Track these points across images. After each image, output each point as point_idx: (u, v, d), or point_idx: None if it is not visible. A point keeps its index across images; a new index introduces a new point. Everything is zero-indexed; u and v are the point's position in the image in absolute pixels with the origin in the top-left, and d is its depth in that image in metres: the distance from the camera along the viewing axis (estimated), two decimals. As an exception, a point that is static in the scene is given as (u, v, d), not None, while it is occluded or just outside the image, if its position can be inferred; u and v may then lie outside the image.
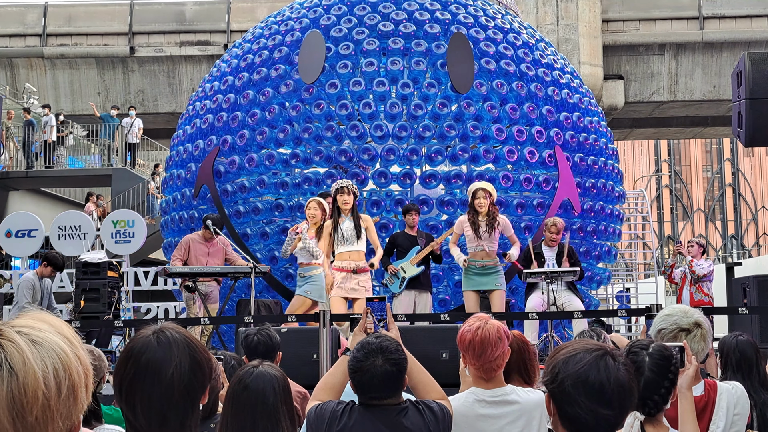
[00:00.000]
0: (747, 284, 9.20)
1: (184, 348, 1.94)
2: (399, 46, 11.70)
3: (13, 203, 23.12)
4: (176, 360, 1.91)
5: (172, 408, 1.89)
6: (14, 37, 28.02)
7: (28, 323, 1.44)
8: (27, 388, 1.36)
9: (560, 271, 8.90)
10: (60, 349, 1.42)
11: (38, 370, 1.37)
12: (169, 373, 1.89)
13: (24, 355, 1.37)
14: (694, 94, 27.53)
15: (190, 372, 1.92)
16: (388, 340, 3.25)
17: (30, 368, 1.37)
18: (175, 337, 1.95)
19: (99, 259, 11.91)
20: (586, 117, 12.43)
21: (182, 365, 1.91)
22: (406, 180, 11.41)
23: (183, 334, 1.98)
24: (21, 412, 1.35)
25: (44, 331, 1.43)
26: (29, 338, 1.40)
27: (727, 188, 63.63)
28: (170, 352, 1.92)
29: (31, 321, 1.45)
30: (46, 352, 1.40)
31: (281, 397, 3.00)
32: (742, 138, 8.59)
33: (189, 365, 1.92)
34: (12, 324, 1.43)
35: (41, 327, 1.44)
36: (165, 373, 1.89)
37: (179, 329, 2.00)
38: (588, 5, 26.46)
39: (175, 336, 1.96)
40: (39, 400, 1.36)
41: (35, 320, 1.45)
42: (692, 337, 3.44)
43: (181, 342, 1.95)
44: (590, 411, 2.12)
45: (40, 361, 1.38)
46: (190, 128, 12.65)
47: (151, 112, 27.56)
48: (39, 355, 1.39)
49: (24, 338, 1.40)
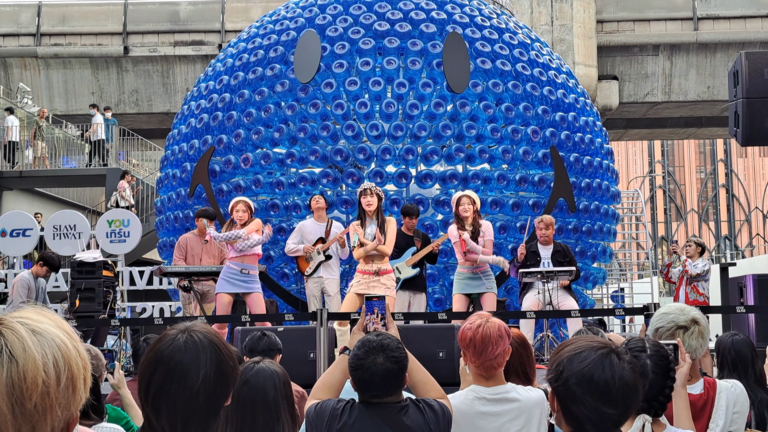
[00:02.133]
0: (743, 283, 9.21)
1: (212, 353, 1.92)
2: (395, 45, 11.70)
3: (7, 203, 23.05)
4: (204, 366, 1.90)
5: (195, 414, 1.88)
6: (8, 37, 27.94)
7: (28, 315, 1.44)
8: (27, 374, 1.36)
9: (556, 270, 8.90)
10: (60, 340, 1.42)
11: (38, 358, 1.37)
12: (196, 380, 1.88)
13: (24, 343, 1.37)
14: (689, 95, 27.59)
15: (215, 379, 1.90)
16: (389, 337, 3.25)
17: (30, 355, 1.37)
18: (203, 341, 1.93)
19: (94, 258, 11.87)
20: (581, 117, 12.44)
21: (209, 372, 1.89)
22: (402, 179, 11.40)
23: (211, 338, 1.96)
24: (20, 398, 1.35)
25: (44, 323, 1.43)
26: (30, 328, 1.41)
27: (721, 189, 63.78)
28: (198, 357, 1.90)
29: (31, 314, 1.45)
30: (46, 342, 1.40)
31: (282, 392, 3.00)
32: (738, 137, 8.59)
33: (215, 372, 1.91)
34: (13, 315, 1.43)
35: (41, 319, 1.44)
36: (192, 378, 1.88)
37: (208, 330, 1.98)
38: (582, 6, 26.49)
39: (203, 339, 1.94)
40: (38, 387, 1.36)
41: (36, 313, 1.46)
42: (690, 334, 3.44)
43: (209, 346, 1.93)
44: (594, 410, 2.11)
45: (41, 349, 1.38)
46: (185, 128, 12.63)
47: (146, 112, 27.51)
48: (39, 344, 1.39)
49: (25, 327, 1.40)
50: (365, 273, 8.23)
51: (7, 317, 1.42)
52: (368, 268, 8.23)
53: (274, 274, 11.37)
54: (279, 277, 11.43)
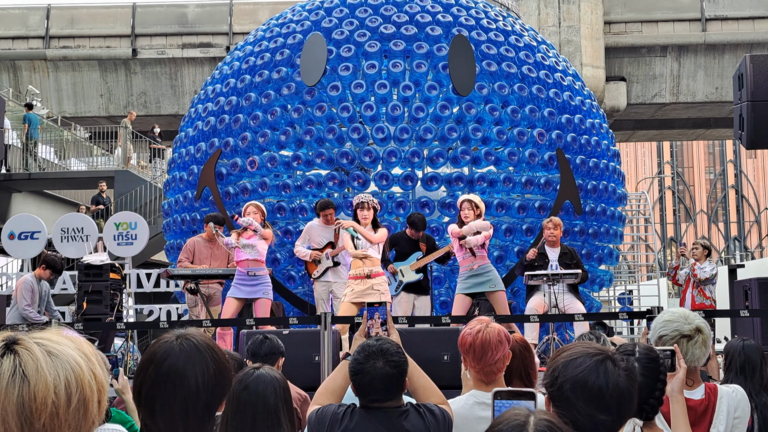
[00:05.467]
0: (749, 287, 9.19)
1: (207, 357, 1.95)
2: (400, 48, 11.71)
3: (16, 205, 23.14)
4: (198, 369, 1.92)
5: (190, 416, 1.90)
6: (17, 40, 28.08)
7: (48, 336, 1.47)
8: (37, 394, 1.39)
9: (562, 273, 8.90)
10: (75, 362, 1.45)
11: (50, 379, 1.40)
12: (190, 382, 1.90)
13: (38, 364, 1.41)
14: (697, 96, 27.52)
15: (210, 382, 1.92)
16: (389, 342, 3.27)
17: (42, 376, 1.40)
18: (199, 344, 1.96)
19: (101, 261, 11.92)
20: (587, 119, 12.43)
21: (204, 375, 1.92)
22: (408, 182, 11.41)
23: (206, 342, 1.98)
24: (29, 418, 1.38)
25: (62, 345, 1.46)
26: (46, 349, 1.44)
27: (730, 190, 63.58)
28: (192, 360, 1.93)
29: (51, 335, 1.48)
30: (60, 363, 1.43)
31: (281, 398, 3.02)
32: (743, 141, 8.57)
33: (210, 375, 1.93)
34: (33, 335, 1.47)
35: (60, 341, 1.47)
36: (186, 381, 1.91)
37: (203, 336, 2.00)
38: (590, 7, 26.46)
39: (198, 343, 1.96)
40: (48, 408, 1.39)
41: (56, 335, 1.49)
42: (693, 343, 3.44)
43: (204, 350, 1.95)
44: (588, 416, 2.12)
45: (54, 370, 1.41)
46: (192, 130, 12.67)
47: (154, 114, 27.58)
48: (53, 365, 1.42)
49: (41, 348, 1.43)
50: (357, 278, 8.26)
51: (25, 338, 1.45)
52: (359, 272, 8.26)
53: (280, 277, 11.39)
54: (285, 279, 11.45)
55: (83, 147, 25.73)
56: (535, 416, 1.77)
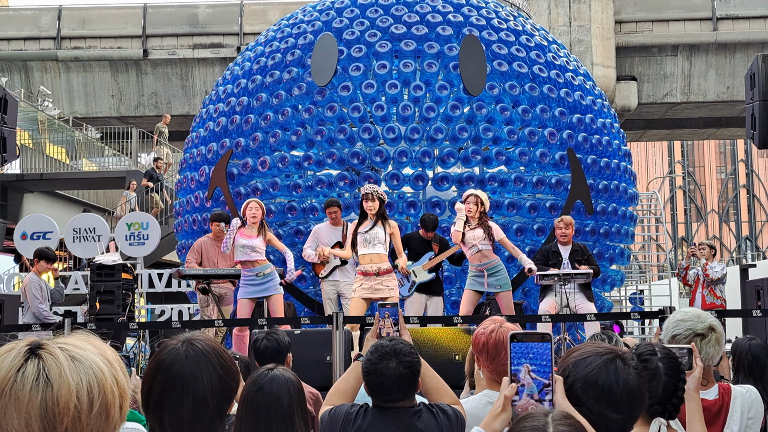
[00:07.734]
0: (761, 286, 9.16)
1: (214, 361, 1.96)
2: (411, 48, 11.72)
3: (28, 205, 23.25)
4: (206, 374, 1.93)
5: (200, 421, 1.91)
6: (29, 40, 28.20)
7: (72, 342, 1.49)
8: (60, 399, 1.41)
9: (573, 273, 8.89)
10: (97, 367, 1.46)
11: (73, 384, 1.42)
12: (199, 387, 1.91)
13: (62, 368, 1.43)
14: (708, 95, 27.43)
15: (218, 386, 1.93)
16: (402, 342, 3.27)
17: (65, 381, 1.42)
18: (205, 349, 1.96)
19: (113, 261, 11.97)
20: (598, 119, 12.41)
21: (212, 379, 1.92)
22: (419, 182, 11.42)
23: (212, 346, 1.99)
24: (52, 422, 1.40)
25: (86, 350, 1.48)
26: (69, 354, 1.46)
27: (741, 189, 63.37)
28: (200, 365, 1.94)
29: (75, 340, 1.50)
30: (83, 368, 1.45)
31: (295, 399, 3.02)
32: (755, 140, 8.55)
33: (218, 379, 1.94)
34: (57, 340, 1.49)
35: (84, 346, 1.49)
36: (194, 387, 1.92)
37: (208, 339, 2.01)
38: (600, 6, 26.40)
39: (204, 348, 1.97)
40: (70, 412, 1.41)
41: (80, 340, 1.51)
42: (707, 342, 3.43)
43: (211, 354, 1.96)
44: (599, 414, 2.13)
45: (77, 375, 1.43)
46: (203, 131, 12.70)
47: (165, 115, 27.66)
48: (76, 370, 1.44)
49: (64, 353, 1.45)
50: (366, 274, 8.27)
51: (50, 342, 1.47)
52: (368, 268, 8.27)
53: (291, 277, 11.40)
54: (296, 279, 11.46)
55: (94, 147, 25.81)
56: (554, 420, 1.78)
